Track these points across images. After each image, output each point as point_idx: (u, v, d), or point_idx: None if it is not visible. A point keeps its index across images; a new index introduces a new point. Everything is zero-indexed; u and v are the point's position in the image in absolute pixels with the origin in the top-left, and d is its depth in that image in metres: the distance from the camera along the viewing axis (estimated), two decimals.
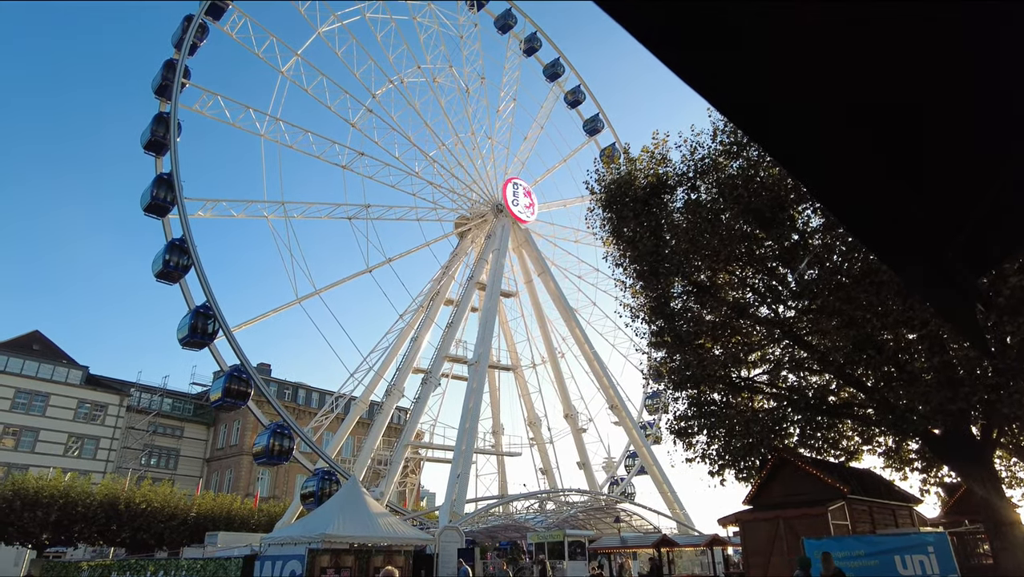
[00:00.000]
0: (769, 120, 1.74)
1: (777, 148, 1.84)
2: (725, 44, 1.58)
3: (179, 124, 38.45)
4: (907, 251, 1.98)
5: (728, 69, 1.69)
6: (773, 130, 1.78)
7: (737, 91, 1.75)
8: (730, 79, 1.71)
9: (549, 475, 53.96)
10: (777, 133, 1.78)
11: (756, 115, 1.77)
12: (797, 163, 1.97)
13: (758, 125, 1.79)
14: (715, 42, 1.57)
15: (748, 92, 1.74)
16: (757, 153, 14.80)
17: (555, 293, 53.13)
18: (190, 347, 35.28)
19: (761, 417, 16.75)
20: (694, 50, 1.65)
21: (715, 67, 1.71)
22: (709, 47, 1.61)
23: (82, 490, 37.34)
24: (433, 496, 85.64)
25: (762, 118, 1.76)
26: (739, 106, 1.74)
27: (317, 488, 34.60)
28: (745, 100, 1.77)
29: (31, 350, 61.34)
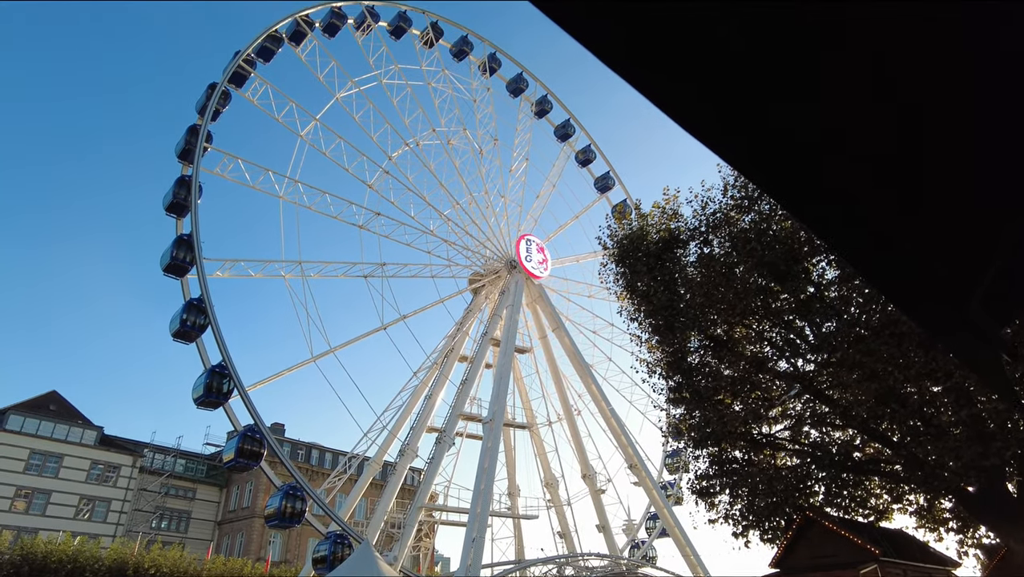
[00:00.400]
0: (790, 179, 1.74)
1: (802, 211, 1.84)
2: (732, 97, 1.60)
3: (200, 187, 39.46)
4: (930, 302, 1.94)
5: (739, 125, 1.70)
6: (795, 190, 1.78)
7: (756, 152, 1.76)
8: (741, 135, 1.72)
9: (567, 538, 52.33)
10: (798, 191, 1.78)
11: (775, 175, 1.77)
12: (812, 217, 1.96)
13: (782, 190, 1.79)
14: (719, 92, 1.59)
15: (765, 154, 1.74)
16: (769, 207, 14.88)
17: (570, 349, 52.77)
18: (205, 407, 35.20)
19: (784, 475, 16.29)
20: (704, 103, 1.67)
21: (726, 123, 1.72)
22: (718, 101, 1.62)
23: (91, 555, 36.72)
24: (448, 561, 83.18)
25: (782, 176, 1.76)
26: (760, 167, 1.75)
27: (329, 552, 33.75)
28: (763, 160, 1.77)
29: (48, 410, 61.50)
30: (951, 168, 1.68)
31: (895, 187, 1.73)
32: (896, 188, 1.73)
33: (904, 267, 1.91)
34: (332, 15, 49.29)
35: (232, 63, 43.63)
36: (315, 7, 48.58)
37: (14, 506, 55.85)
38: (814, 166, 1.71)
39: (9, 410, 58.79)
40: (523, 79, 62.69)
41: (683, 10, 1.43)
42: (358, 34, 51.63)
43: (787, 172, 1.75)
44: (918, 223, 1.81)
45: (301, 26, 47.43)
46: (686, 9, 1.42)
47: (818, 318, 15.15)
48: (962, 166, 1.66)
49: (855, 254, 2.03)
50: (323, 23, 49.06)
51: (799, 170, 1.72)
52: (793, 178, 1.76)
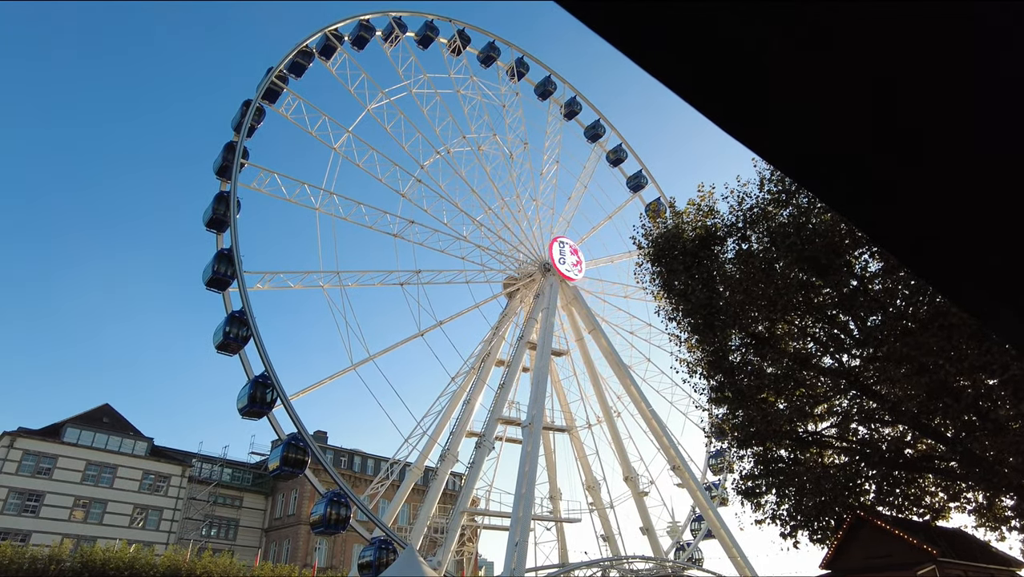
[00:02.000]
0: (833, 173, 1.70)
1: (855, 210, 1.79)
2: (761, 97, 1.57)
3: (238, 202, 40.36)
4: (983, 291, 1.88)
5: (778, 119, 1.67)
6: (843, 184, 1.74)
7: (791, 142, 1.72)
8: (780, 129, 1.69)
9: (611, 541, 51.89)
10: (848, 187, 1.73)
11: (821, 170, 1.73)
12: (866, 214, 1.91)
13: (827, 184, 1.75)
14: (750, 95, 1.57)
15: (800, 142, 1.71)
16: (808, 200, 14.57)
17: (607, 350, 52.41)
18: (249, 416, 35.91)
19: (833, 473, 15.89)
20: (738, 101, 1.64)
21: (762, 118, 1.70)
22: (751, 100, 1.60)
23: (146, 562, 37.78)
24: (491, 565, 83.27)
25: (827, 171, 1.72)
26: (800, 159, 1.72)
27: (374, 558, 34.09)
28: (801, 151, 1.74)
29: (101, 423, 63.57)
30: (1003, 158, 1.62)
31: (944, 178, 1.68)
32: (944, 180, 1.68)
33: (955, 258, 1.86)
34: (360, 28, 50.02)
35: (265, 80, 44.61)
36: (344, 21, 49.39)
37: (73, 515, 57.90)
38: (861, 159, 1.67)
39: (66, 423, 60.99)
40: (551, 82, 62.67)
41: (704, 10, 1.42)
42: (386, 46, 52.31)
43: (830, 166, 1.72)
44: (970, 214, 1.75)
45: (331, 40, 48.25)
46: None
47: (862, 312, 14.76)
48: (1015, 156, 1.60)
49: (900, 246, 1.98)
50: (352, 36, 49.82)
51: (844, 164, 1.68)
52: (838, 172, 1.72)
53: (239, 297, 37.76)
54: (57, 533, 54.12)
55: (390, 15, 52.22)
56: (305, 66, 47.01)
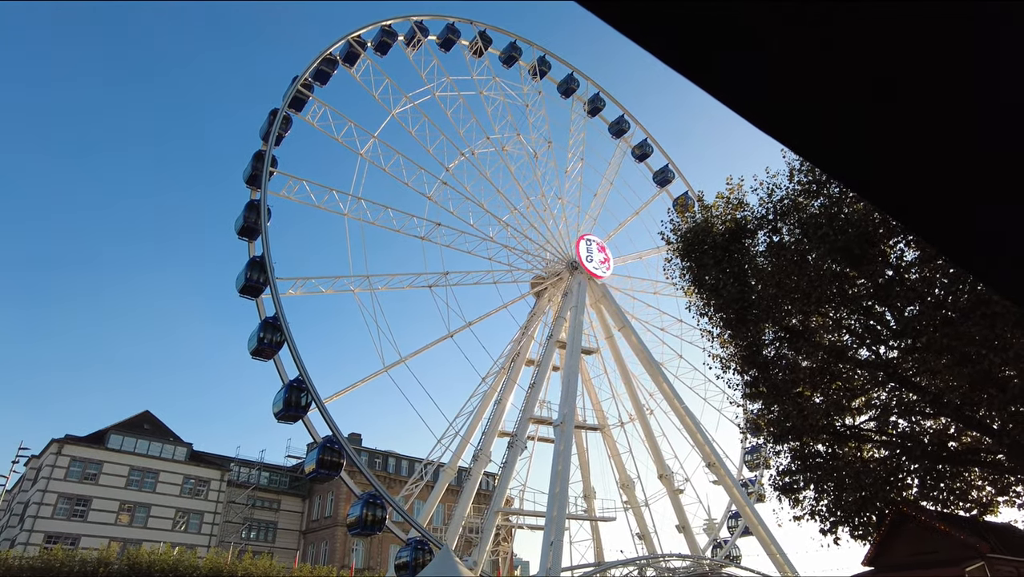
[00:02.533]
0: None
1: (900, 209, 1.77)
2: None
3: (269, 210, 41.03)
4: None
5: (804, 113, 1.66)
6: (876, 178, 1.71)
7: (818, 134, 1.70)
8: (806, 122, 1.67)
9: (647, 540, 51.52)
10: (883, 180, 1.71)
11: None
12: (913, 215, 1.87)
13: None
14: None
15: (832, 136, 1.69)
16: (839, 189, 14.30)
17: (638, 347, 52.04)
18: (285, 420, 36.47)
19: (873, 468, 15.56)
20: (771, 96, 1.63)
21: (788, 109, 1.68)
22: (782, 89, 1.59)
23: (189, 564, 38.62)
24: (527, 564, 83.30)
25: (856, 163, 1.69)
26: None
27: (411, 558, 34.39)
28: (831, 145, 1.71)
29: (143, 429, 65.26)
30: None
31: (980, 162, 1.65)
32: (980, 164, 1.65)
33: (996, 245, 1.82)
34: (383, 34, 50.47)
35: (291, 88, 45.26)
36: (366, 28, 49.89)
37: (119, 519, 59.58)
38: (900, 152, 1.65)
39: (110, 430, 62.78)
40: (574, 79, 62.47)
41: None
42: (409, 50, 52.69)
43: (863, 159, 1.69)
44: (1014, 199, 1.72)
45: (354, 47, 48.76)
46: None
47: (899, 302, 14.42)
48: None
49: (938, 234, 1.94)
50: (375, 42, 50.29)
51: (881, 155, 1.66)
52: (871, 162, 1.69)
53: (272, 303, 38.37)
54: (104, 537, 55.66)
55: (412, 19, 52.60)
56: (330, 73, 47.58)
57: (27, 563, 34.05)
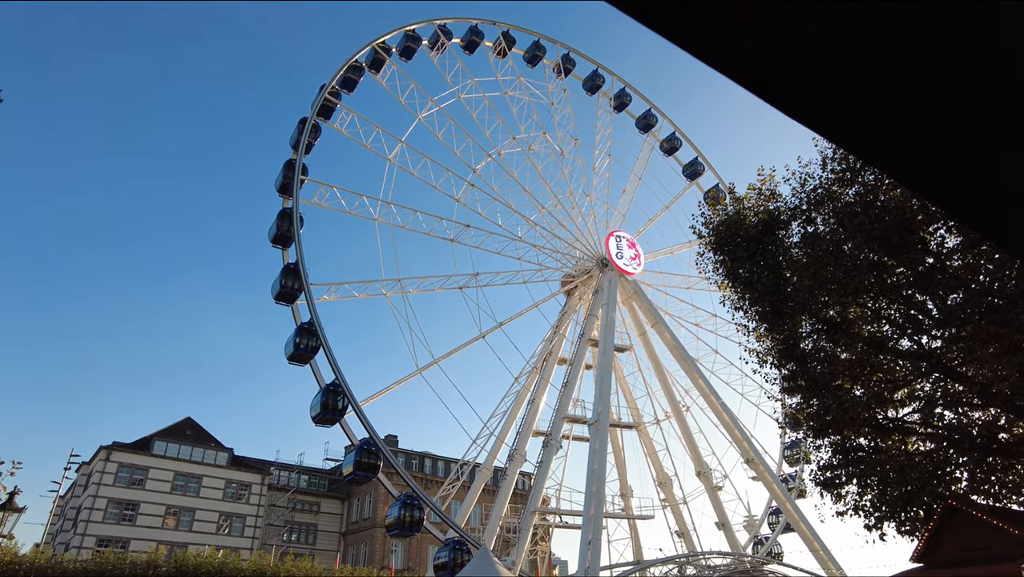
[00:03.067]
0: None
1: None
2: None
3: (301, 218, 41.71)
4: None
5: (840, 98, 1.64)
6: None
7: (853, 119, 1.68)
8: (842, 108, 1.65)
9: (686, 537, 51.01)
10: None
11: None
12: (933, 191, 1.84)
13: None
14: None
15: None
16: (874, 177, 13.97)
17: (672, 344, 51.56)
18: (323, 424, 37.02)
19: (919, 461, 15.15)
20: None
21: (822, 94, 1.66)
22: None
23: (234, 566, 39.45)
24: (565, 564, 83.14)
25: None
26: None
27: (449, 559, 34.61)
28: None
29: (185, 435, 66.90)
30: None
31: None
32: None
33: None
34: (407, 39, 50.89)
35: (319, 97, 45.93)
36: (390, 33, 50.34)
37: (166, 523, 61.24)
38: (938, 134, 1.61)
39: (154, 436, 64.53)
40: (599, 75, 62.16)
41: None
42: (433, 54, 53.04)
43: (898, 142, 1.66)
44: None
45: (379, 53, 49.26)
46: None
47: (941, 290, 14.02)
48: None
49: (983, 219, 1.90)
50: (399, 48, 50.74)
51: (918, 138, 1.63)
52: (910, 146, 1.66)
53: (307, 309, 38.99)
54: (152, 540, 57.20)
55: (435, 23, 52.93)
56: (356, 80, 48.15)
57: (81, 566, 35.17)
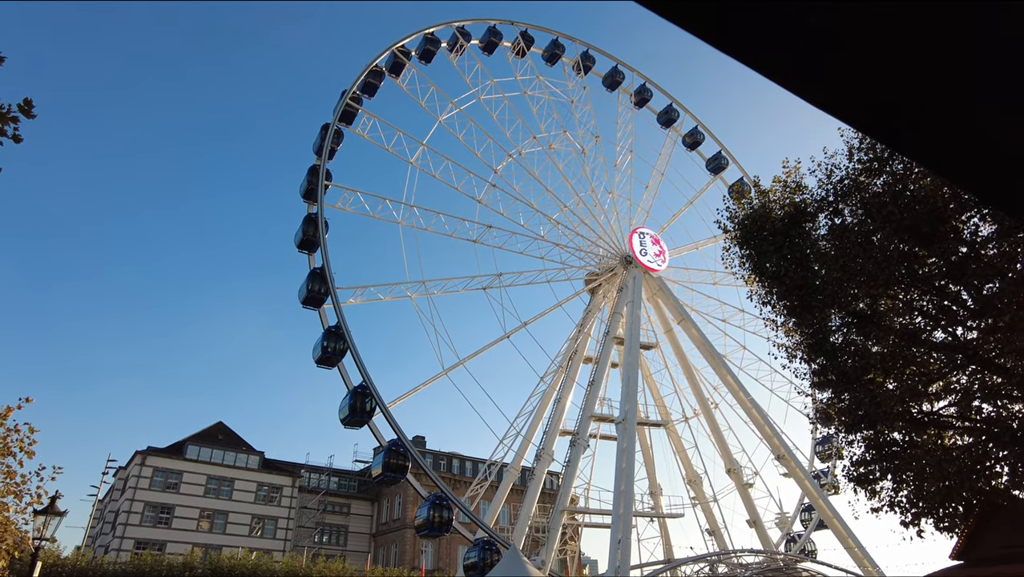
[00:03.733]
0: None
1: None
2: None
3: (326, 222, 42.15)
4: None
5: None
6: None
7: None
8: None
9: (717, 535, 50.50)
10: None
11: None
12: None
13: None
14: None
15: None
16: (903, 166, 13.69)
17: (699, 340, 51.08)
18: (351, 426, 37.36)
19: (956, 456, 14.79)
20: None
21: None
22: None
23: (267, 568, 40.13)
24: (595, 563, 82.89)
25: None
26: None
27: (479, 559, 34.69)
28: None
29: (217, 440, 68.09)
30: None
31: None
32: None
33: None
34: (426, 42, 51.15)
35: (340, 103, 46.40)
36: (409, 37, 50.65)
37: (200, 526, 62.43)
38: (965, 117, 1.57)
39: (187, 441, 65.80)
40: (619, 71, 61.82)
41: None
42: (452, 56, 53.23)
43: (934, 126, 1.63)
44: None
45: (399, 57, 49.59)
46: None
47: (976, 280, 13.68)
48: None
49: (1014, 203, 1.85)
50: (418, 51, 51.01)
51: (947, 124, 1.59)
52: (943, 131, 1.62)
53: (334, 313, 39.37)
54: (188, 542, 58.39)
55: (453, 25, 53.09)
56: (376, 85, 48.53)
57: (120, 568, 36.04)
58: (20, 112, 5.69)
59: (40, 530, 13.97)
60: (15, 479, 14.03)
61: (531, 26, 57.60)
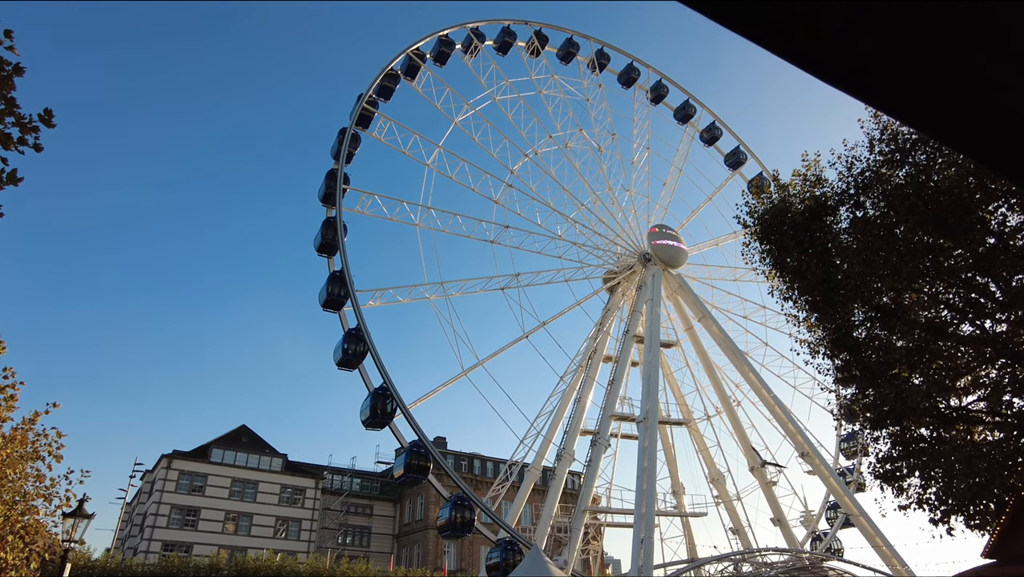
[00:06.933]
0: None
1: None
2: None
3: (345, 226, 42.45)
4: None
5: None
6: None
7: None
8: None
9: (741, 534, 49.98)
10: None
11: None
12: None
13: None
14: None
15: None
16: (926, 157, 13.43)
17: (720, 337, 50.62)
18: (372, 427, 37.59)
19: (987, 452, 14.48)
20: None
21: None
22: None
23: (291, 569, 40.47)
24: (618, 563, 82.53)
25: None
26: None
27: (501, 559, 34.70)
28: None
29: (240, 443, 68.88)
30: None
31: None
32: None
33: None
34: (440, 44, 51.32)
35: (356, 107, 46.71)
36: (424, 39, 50.85)
37: (226, 528, 63.19)
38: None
39: (211, 445, 66.65)
40: (634, 68, 61.52)
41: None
42: (467, 57, 53.35)
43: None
44: None
45: (414, 60, 49.81)
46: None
47: (1005, 271, 13.38)
48: None
49: None
50: (433, 53, 51.19)
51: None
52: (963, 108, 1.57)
53: (354, 315, 39.64)
54: (214, 544, 59.10)
55: (467, 27, 53.20)
56: (392, 88, 48.78)
57: (149, 570, 36.59)
58: (40, 122, 5.80)
59: (69, 532, 14.22)
60: (44, 482, 14.29)
61: (545, 25, 57.54)
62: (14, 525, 13.56)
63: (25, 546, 13.63)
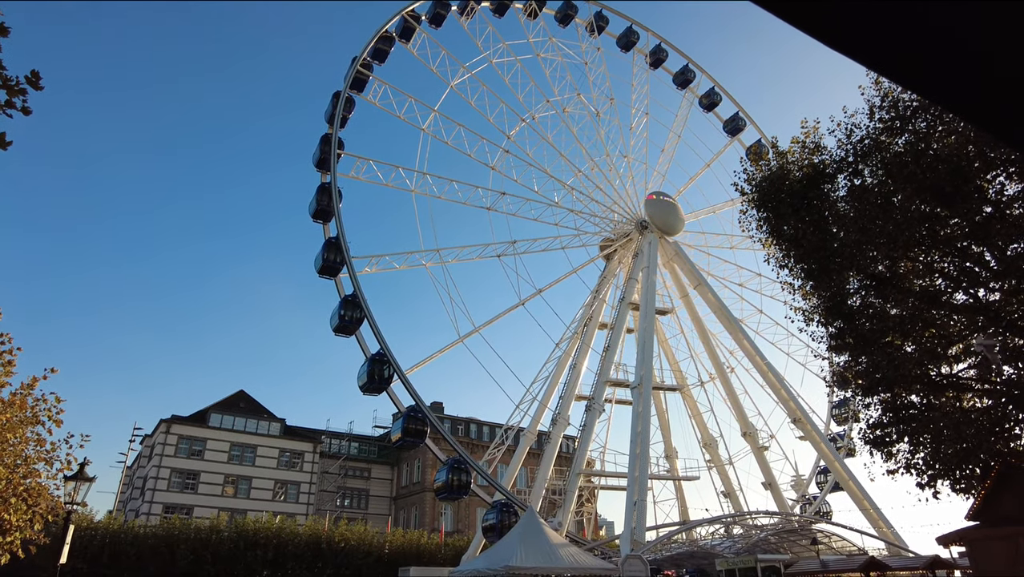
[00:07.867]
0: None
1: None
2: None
3: (340, 191, 42.09)
4: None
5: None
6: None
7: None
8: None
9: (732, 497, 51.00)
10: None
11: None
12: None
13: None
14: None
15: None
16: (926, 124, 13.33)
17: (715, 305, 50.87)
18: (370, 393, 37.90)
19: (975, 418, 14.71)
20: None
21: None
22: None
23: (291, 531, 41.20)
24: (612, 525, 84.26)
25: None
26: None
27: (497, 520, 35.38)
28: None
29: (239, 408, 69.46)
30: None
31: None
32: None
33: None
34: (436, 5, 50.23)
35: (351, 70, 45.90)
36: (419, 0, 49.74)
37: (225, 491, 64.14)
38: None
39: (210, 409, 67.21)
40: (633, 31, 60.48)
41: None
42: (463, 19, 52.27)
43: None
44: None
45: (409, 22, 48.81)
46: None
47: (1000, 240, 13.40)
48: None
49: None
50: (428, 15, 50.15)
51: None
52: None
53: (350, 282, 39.63)
54: (214, 507, 60.08)
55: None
56: (387, 51, 47.90)
57: (151, 531, 37.22)
58: (28, 84, 5.70)
59: (71, 495, 14.41)
60: (45, 446, 14.43)
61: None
62: (16, 488, 13.73)
63: (28, 508, 13.82)
